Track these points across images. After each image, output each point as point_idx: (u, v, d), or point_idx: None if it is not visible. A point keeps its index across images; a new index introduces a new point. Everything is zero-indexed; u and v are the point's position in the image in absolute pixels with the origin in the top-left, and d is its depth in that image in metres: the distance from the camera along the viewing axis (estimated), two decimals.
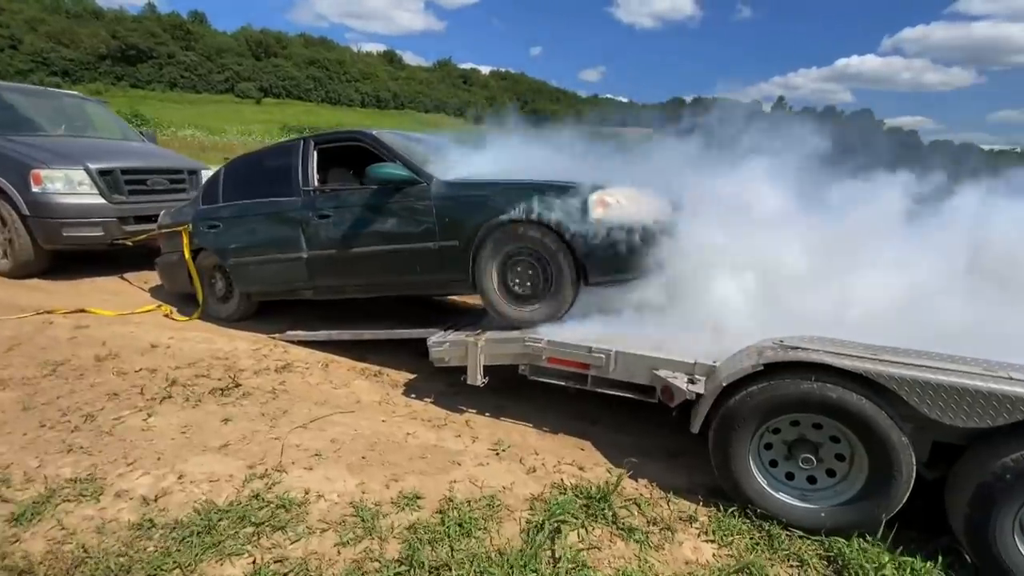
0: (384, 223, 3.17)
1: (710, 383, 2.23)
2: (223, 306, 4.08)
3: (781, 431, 2.17)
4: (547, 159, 3.54)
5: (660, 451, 2.70)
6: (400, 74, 77.83)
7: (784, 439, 2.18)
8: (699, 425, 2.23)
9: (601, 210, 2.70)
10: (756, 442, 2.17)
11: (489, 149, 3.68)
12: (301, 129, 38.71)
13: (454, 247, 2.99)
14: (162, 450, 2.38)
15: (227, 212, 3.80)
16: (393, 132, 3.56)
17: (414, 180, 3.07)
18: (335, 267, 3.40)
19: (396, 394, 3.16)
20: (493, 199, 2.87)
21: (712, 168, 3.23)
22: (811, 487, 2.16)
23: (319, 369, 3.39)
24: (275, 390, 3.05)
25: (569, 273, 2.76)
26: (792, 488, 2.18)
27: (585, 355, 2.55)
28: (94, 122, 6.23)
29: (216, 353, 3.48)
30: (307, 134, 3.81)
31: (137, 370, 3.15)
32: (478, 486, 2.30)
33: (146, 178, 5.13)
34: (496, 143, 3.78)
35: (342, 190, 3.41)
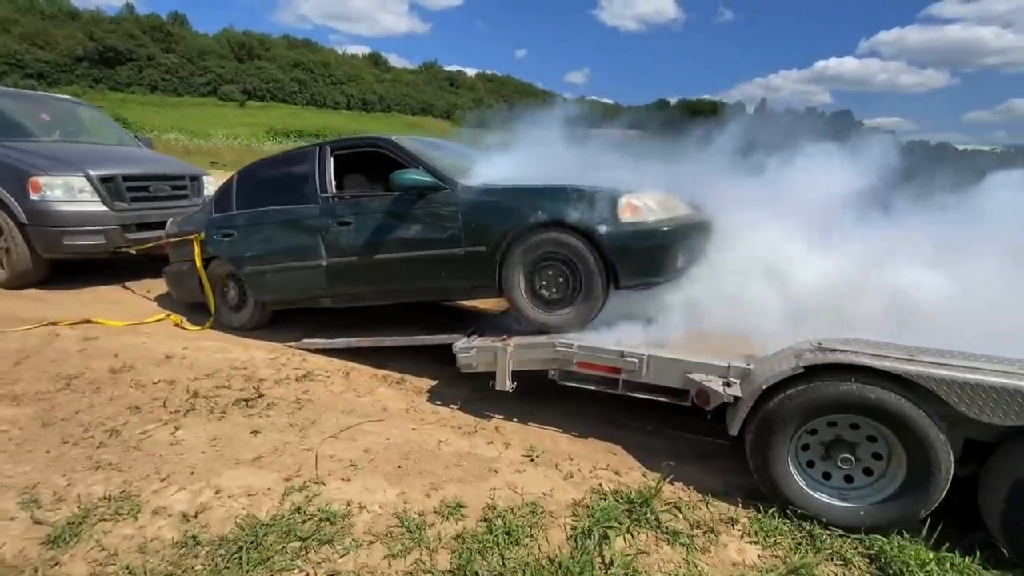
0: (408, 229, 3.15)
1: (747, 386, 2.25)
2: (236, 315, 4.01)
3: (818, 432, 2.20)
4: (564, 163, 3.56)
5: (691, 453, 2.71)
6: (386, 76, 77.36)
7: (821, 439, 2.21)
8: (738, 428, 2.25)
9: (630, 214, 2.71)
10: (794, 443, 2.19)
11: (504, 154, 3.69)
12: (287, 132, 38.32)
13: (480, 253, 2.98)
14: (194, 464, 2.33)
15: (242, 220, 3.74)
16: (412, 138, 3.54)
17: (438, 186, 3.06)
18: (356, 274, 3.37)
19: (422, 401, 3.14)
20: (521, 204, 2.87)
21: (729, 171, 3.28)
22: (849, 486, 2.19)
23: (340, 377, 3.35)
24: (299, 400, 3.00)
25: (599, 277, 2.77)
26: (830, 488, 2.21)
27: (617, 359, 2.56)
28: (88, 127, 6.09)
29: (233, 363, 3.42)
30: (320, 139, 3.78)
31: (155, 382, 3.08)
32: (518, 493, 2.29)
33: (148, 185, 5.03)
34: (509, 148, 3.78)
35: (362, 197, 3.38)
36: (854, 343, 2.16)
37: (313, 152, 3.58)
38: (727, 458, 2.66)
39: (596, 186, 2.77)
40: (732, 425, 2.27)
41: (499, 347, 2.82)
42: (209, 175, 5.85)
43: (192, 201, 5.45)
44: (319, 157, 3.53)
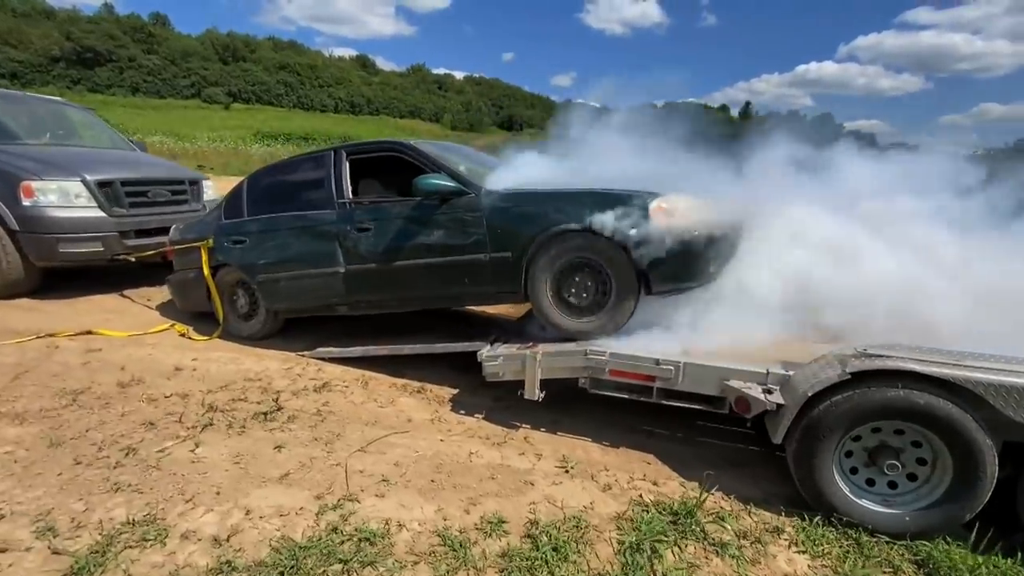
0: (430, 235, 3.08)
1: (790, 393, 2.22)
2: (245, 324, 3.89)
3: (862, 438, 2.17)
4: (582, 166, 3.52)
5: (723, 461, 2.68)
6: (374, 79, 76.77)
7: (865, 446, 2.18)
8: (782, 436, 2.21)
9: (661, 218, 2.67)
10: (839, 450, 2.16)
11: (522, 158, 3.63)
12: (275, 135, 37.81)
13: (506, 258, 2.92)
14: (219, 483, 2.23)
15: (254, 227, 3.62)
16: (429, 142, 3.46)
17: (462, 191, 2.99)
18: (376, 281, 3.28)
19: (446, 411, 3.06)
20: (548, 209, 2.81)
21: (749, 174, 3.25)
22: (893, 492, 2.17)
23: (359, 387, 3.26)
24: (320, 411, 2.91)
25: (629, 283, 2.72)
26: (874, 494, 2.18)
27: (651, 367, 2.51)
28: (79, 130, 5.89)
29: (247, 374, 3.31)
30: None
31: (167, 396, 2.96)
32: (558, 507, 2.23)
33: (147, 189, 4.87)
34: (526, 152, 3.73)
35: (382, 202, 3.30)
36: (898, 348, 2.14)
37: (328, 156, 3.49)
38: (760, 465, 2.63)
39: (626, 190, 2.73)
40: (775, 433, 2.23)
41: (527, 355, 2.75)
42: (208, 179, 5.71)
43: (192, 206, 5.30)
44: (335, 162, 3.44)
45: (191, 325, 4.13)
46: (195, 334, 3.99)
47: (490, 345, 3.02)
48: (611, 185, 2.84)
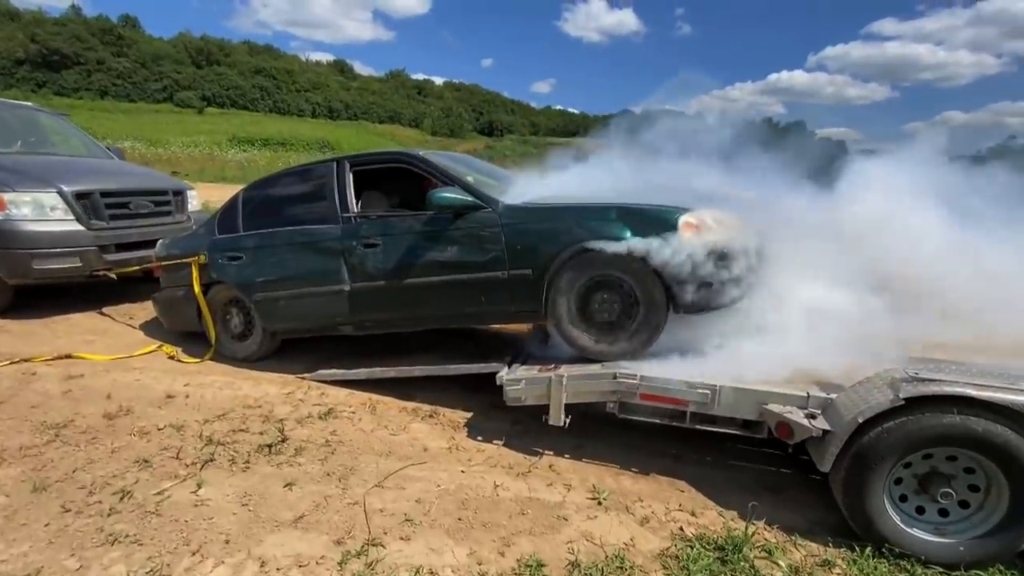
0: (443, 252, 2.92)
1: (836, 418, 2.12)
2: (240, 345, 3.66)
3: (912, 464, 2.09)
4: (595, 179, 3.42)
5: (758, 486, 2.57)
6: (352, 84, 75.97)
7: (915, 472, 2.10)
8: (830, 464, 2.11)
9: (690, 233, 2.57)
10: (889, 478, 2.08)
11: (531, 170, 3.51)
12: (251, 140, 37.01)
13: (526, 276, 2.78)
14: (227, 530, 2.03)
15: (251, 242, 3.41)
16: (438, 153, 3.31)
17: (479, 205, 2.85)
18: (384, 300, 3.11)
19: (462, 437, 2.89)
20: (570, 224, 2.69)
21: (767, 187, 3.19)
22: (943, 520, 2.09)
23: (367, 413, 3.07)
24: (329, 442, 2.72)
25: (657, 302, 2.61)
26: (925, 523, 2.10)
27: (685, 391, 2.40)
28: (52, 137, 5.57)
29: (245, 400, 3.10)
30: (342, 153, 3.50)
31: (160, 428, 2.73)
32: (598, 544, 2.09)
33: (128, 201, 4.59)
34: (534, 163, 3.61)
35: (391, 216, 3.13)
36: (948, 371, 2.07)
37: (330, 168, 3.31)
38: (797, 489, 2.54)
39: (654, 204, 2.63)
40: (822, 461, 2.13)
41: (552, 379, 2.62)
42: (193, 189, 5.43)
43: (176, 218, 5.03)
44: (338, 173, 3.26)
45: (179, 346, 3.88)
46: (184, 356, 3.74)
47: (507, 367, 2.88)
48: (634, 199, 2.74)
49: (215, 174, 21.30)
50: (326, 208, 3.25)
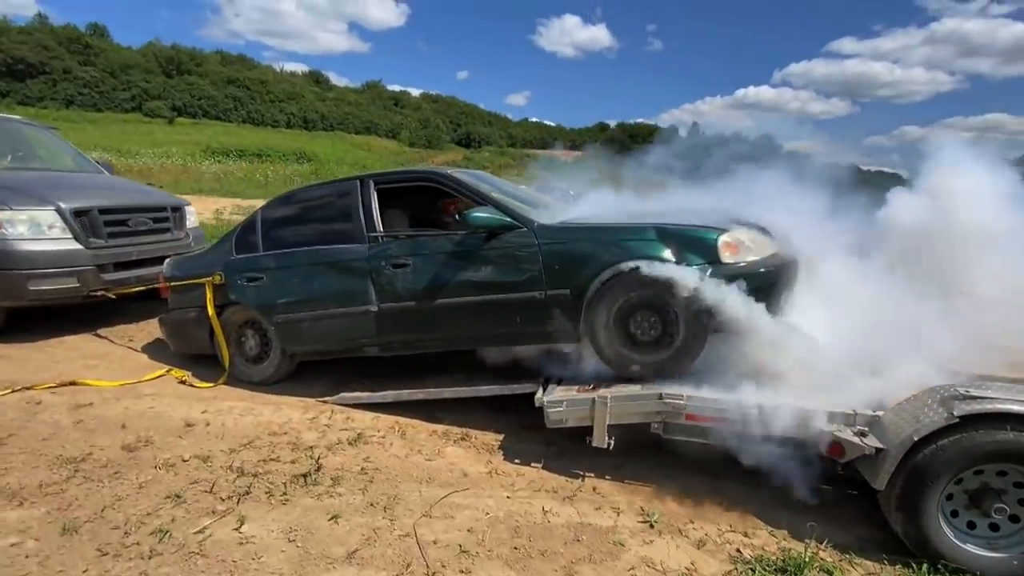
0: (477, 272, 2.89)
1: (889, 436, 2.16)
2: (255, 368, 3.55)
3: (964, 480, 2.14)
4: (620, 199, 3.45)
5: (802, 504, 2.57)
6: (328, 95, 75.28)
7: (966, 489, 2.14)
8: (885, 482, 2.14)
9: (730, 253, 2.61)
10: (943, 495, 2.12)
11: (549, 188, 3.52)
12: (226, 151, 36.23)
13: (563, 296, 2.78)
14: (279, 570, 1.93)
15: (272, 263, 3.32)
16: (465, 171, 3.30)
17: (513, 225, 2.84)
18: (414, 321, 3.06)
19: (499, 461, 2.84)
20: (609, 244, 2.70)
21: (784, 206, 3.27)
22: (995, 535, 2.14)
23: (397, 437, 3.00)
24: (365, 469, 2.63)
25: (697, 322, 2.63)
26: (977, 538, 2.14)
27: (733, 410, 2.41)
28: (39, 152, 5.33)
29: (269, 427, 2.99)
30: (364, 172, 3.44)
31: (185, 459, 2.60)
32: (660, 571, 2.07)
33: (127, 218, 4.43)
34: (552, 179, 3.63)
35: (420, 236, 3.09)
36: (994, 388, 2.13)
37: (354, 186, 3.26)
38: (842, 506, 2.56)
39: (693, 224, 2.66)
40: (876, 479, 2.16)
41: (595, 400, 2.60)
42: (190, 205, 5.28)
43: (174, 235, 4.88)
44: (362, 192, 3.22)
45: (188, 369, 3.73)
46: (196, 380, 3.59)
47: (543, 387, 2.85)
48: (667, 219, 2.77)
49: (191, 186, 20.75)
50: (351, 227, 3.20)
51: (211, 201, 15.18)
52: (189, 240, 4.97)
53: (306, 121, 68.25)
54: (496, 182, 3.75)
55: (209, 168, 27.85)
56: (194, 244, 5.02)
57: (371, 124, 73.42)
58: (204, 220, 8.24)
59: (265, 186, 23.38)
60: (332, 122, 70.56)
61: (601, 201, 3.33)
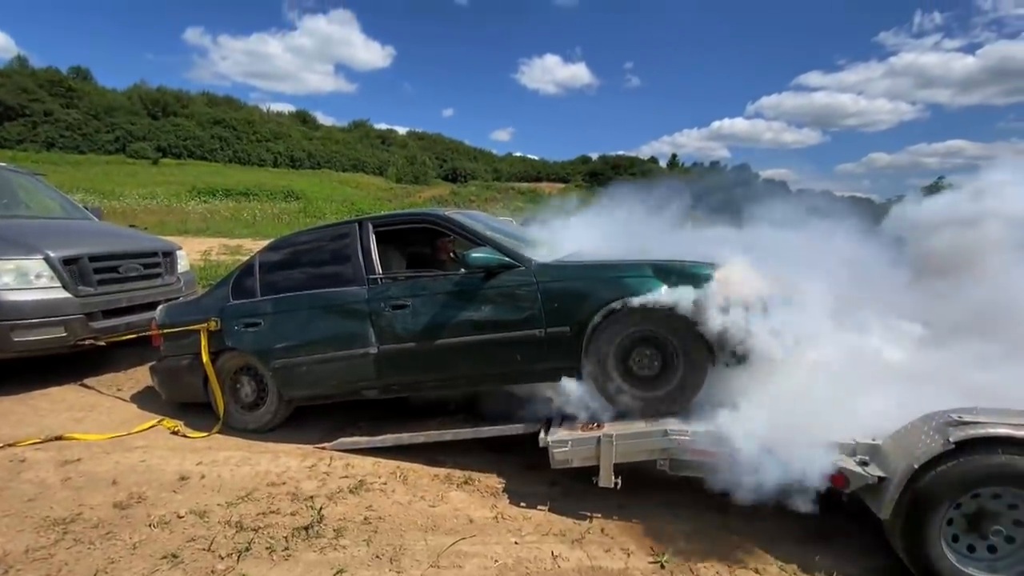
0: (477, 311, 2.92)
1: (893, 465, 2.19)
2: (251, 415, 3.48)
3: (962, 504, 2.16)
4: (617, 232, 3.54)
5: (808, 535, 2.57)
6: (315, 134, 76.37)
7: (964, 512, 2.17)
8: (889, 510, 2.16)
9: (726, 287, 2.67)
10: (944, 520, 2.14)
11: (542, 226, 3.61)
12: (212, 191, 36.27)
13: (563, 334, 2.81)
14: None
15: (270, 307, 3.31)
16: (460, 212, 3.37)
17: (512, 264, 2.89)
18: (414, 362, 3.06)
19: (504, 505, 2.80)
20: (608, 281, 2.76)
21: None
22: (993, 556, 2.15)
23: (399, 483, 2.94)
24: (368, 519, 2.57)
25: (697, 356, 2.67)
26: (977, 560, 2.16)
27: (740, 445, 2.42)
28: (24, 198, 5.30)
29: (267, 477, 2.92)
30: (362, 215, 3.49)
31: (181, 515, 2.52)
32: None
33: (118, 264, 4.40)
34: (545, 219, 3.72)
35: (420, 277, 3.12)
36: (983, 413, 2.18)
37: (352, 229, 3.30)
38: (848, 536, 2.55)
39: (688, 259, 2.73)
40: (880, 508, 2.18)
41: (600, 438, 2.60)
42: (181, 249, 5.26)
43: (165, 280, 4.85)
44: (361, 234, 3.26)
45: (180, 419, 3.64)
46: (188, 430, 3.51)
47: (545, 427, 2.85)
48: (661, 254, 2.84)
49: (176, 227, 20.63)
50: (350, 270, 3.22)
51: (198, 242, 15.09)
52: (180, 285, 4.95)
53: (293, 160, 68.96)
54: (491, 221, 3.83)
55: (195, 208, 27.83)
56: (185, 288, 5.01)
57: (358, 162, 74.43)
58: (192, 262, 8.18)
59: (253, 224, 23.42)
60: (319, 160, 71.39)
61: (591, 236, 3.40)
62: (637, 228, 4.00)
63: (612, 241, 3.53)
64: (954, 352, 2.60)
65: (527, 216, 4.23)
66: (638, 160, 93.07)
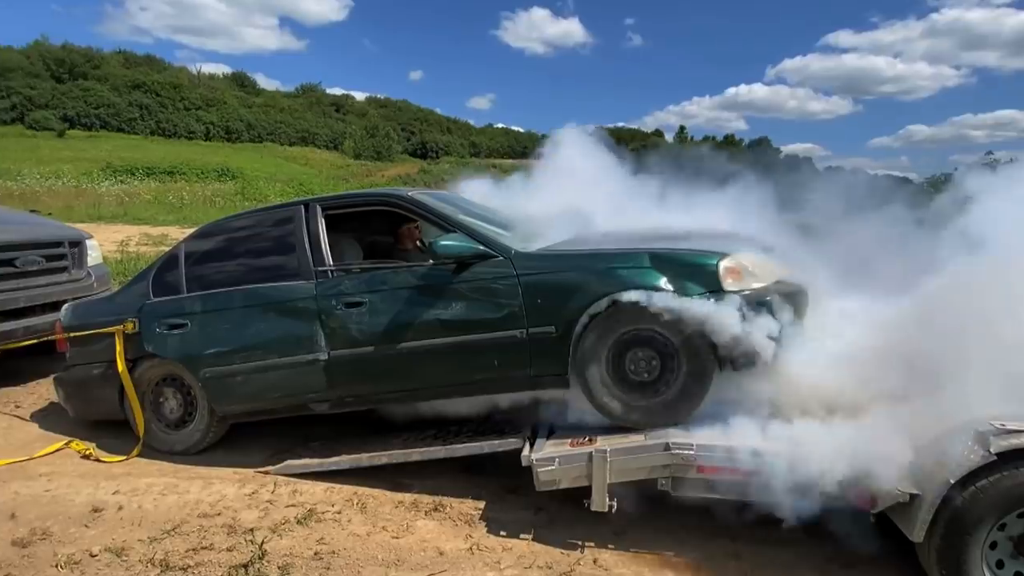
0: (446, 309, 2.94)
1: (926, 480, 2.26)
2: (177, 435, 3.47)
3: (1007, 526, 2.25)
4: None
5: (829, 562, 2.65)
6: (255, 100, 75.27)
7: (1009, 535, 2.25)
8: (923, 532, 2.23)
9: (732, 280, 2.73)
10: (987, 542, 2.22)
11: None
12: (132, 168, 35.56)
13: (548, 335, 2.84)
14: None
15: (198, 306, 3.30)
16: (428, 192, 3.38)
17: (488, 254, 2.91)
18: (372, 369, 3.07)
19: (481, 534, 2.82)
20: (599, 273, 2.80)
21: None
22: None
23: (357, 512, 2.95)
24: (319, 553, 2.58)
25: (701, 359, 2.73)
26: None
27: (751, 459, 2.49)
28: None
29: (198, 507, 2.91)
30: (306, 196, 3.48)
31: (94, 554, 2.50)
32: None
33: (14, 256, 4.31)
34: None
35: (378, 269, 3.13)
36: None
37: (297, 212, 3.30)
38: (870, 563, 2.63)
39: (690, 249, 2.78)
40: (912, 530, 2.25)
41: (593, 455, 2.64)
42: (92, 238, 5.18)
43: (73, 275, 4.77)
44: (307, 219, 3.25)
45: (92, 440, 3.62)
46: (102, 453, 3.49)
47: (529, 443, 2.88)
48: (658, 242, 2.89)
49: (87, 212, 20.16)
50: (294, 261, 3.22)
51: (113, 230, 14.81)
52: (91, 281, 4.88)
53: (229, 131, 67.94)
54: (465, 203, 3.84)
55: (110, 189, 27.24)
56: (97, 285, 4.94)
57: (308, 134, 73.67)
58: (107, 253, 8.06)
59: (180, 209, 23.04)
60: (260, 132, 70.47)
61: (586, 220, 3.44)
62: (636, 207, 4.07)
63: (610, 225, 3.57)
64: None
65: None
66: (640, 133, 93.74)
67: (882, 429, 2.52)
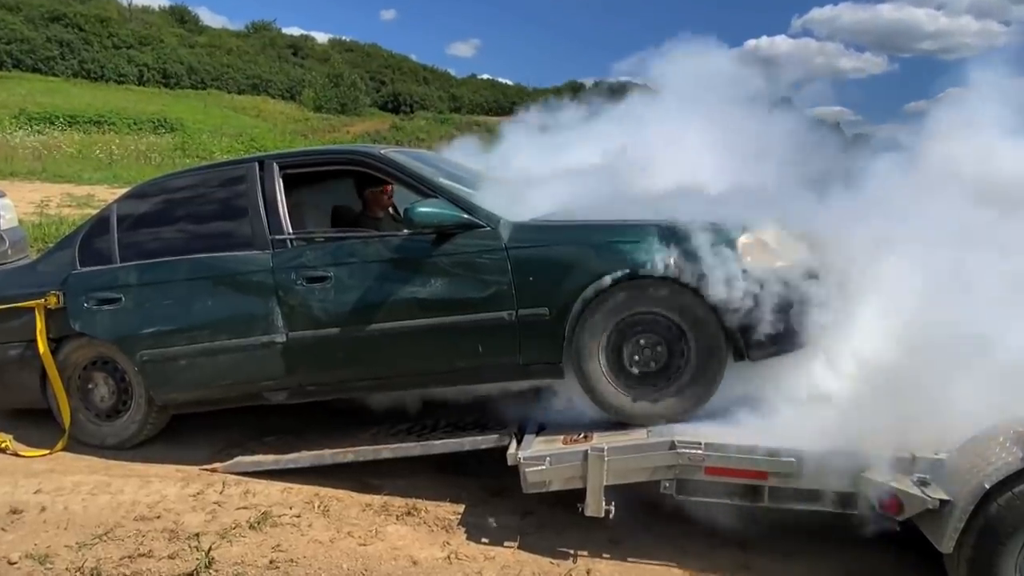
0: (424, 286, 2.95)
1: (956, 485, 2.33)
2: (109, 426, 3.50)
3: None
4: None
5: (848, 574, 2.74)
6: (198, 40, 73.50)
7: None
8: (953, 542, 2.30)
9: (752, 257, 2.76)
10: (1021, 553, 2.30)
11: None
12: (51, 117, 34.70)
13: (540, 317, 2.86)
14: None
15: (134, 277, 3.28)
16: (401, 151, 3.36)
17: (473, 223, 2.90)
18: (337, 354, 3.10)
19: (460, 541, 2.87)
20: (601, 248, 2.82)
21: None
22: None
23: (319, 515, 2.98)
24: (275, 562, 2.61)
25: (713, 347, 2.77)
26: None
27: (766, 460, 2.54)
28: None
29: (135, 510, 2.93)
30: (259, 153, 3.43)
31: (12, 561, 2.52)
32: None
33: None
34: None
35: (345, 239, 3.12)
36: None
37: (251, 171, 3.28)
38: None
39: (704, 220, 2.79)
40: (942, 539, 2.31)
41: (588, 453, 2.67)
42: (5, 197, 5.11)
43: None
44: (262, 179, 3.23)
45: (10, 432, 3.62)
46: (22, 446, 3.50)
47: (514, 439, 2.92)
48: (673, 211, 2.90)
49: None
50: (246, 227, 3.22)
51: (29, 188, 14.56)
52: (5, 247, 4.82)
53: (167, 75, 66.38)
54: (447, 165, 3.81)
55: (24, 141, 26.67)
56: (12, 251, 4.89)
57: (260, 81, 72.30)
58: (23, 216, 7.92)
59: (109, 166, 22.77)
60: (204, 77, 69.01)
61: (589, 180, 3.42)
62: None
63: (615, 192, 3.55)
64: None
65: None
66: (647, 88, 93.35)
67: (913, 427, 2.59)
